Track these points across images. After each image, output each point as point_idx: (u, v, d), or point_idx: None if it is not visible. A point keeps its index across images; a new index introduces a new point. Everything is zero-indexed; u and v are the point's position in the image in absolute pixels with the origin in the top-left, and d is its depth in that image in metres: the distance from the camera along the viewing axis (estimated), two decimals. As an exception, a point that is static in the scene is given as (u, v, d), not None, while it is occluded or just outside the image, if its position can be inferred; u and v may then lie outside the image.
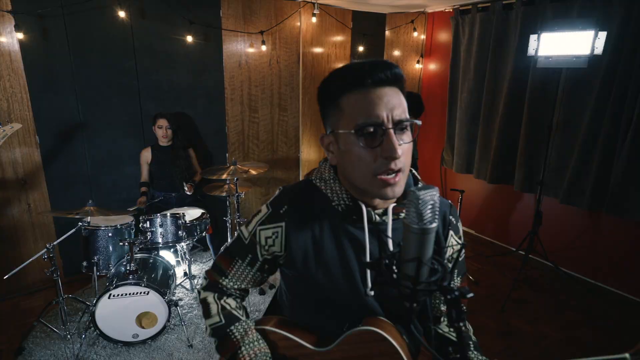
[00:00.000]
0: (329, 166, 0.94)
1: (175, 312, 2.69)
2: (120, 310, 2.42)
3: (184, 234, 2.70)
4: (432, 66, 4.68)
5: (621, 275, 3.11)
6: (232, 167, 2.81)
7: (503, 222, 4.03)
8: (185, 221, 2.72)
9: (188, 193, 3.17)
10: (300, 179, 1.03)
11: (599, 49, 2.81)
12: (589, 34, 2.79)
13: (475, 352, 0.95)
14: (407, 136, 0.82)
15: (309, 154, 4.43)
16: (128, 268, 2.40)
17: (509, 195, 3.89)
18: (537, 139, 3.51)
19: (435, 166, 4.70)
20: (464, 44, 4.11)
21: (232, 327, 0.96)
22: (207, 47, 3.62)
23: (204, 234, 3.00)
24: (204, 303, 1.01)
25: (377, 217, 0.89)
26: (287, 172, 4.30)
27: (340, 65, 4.12)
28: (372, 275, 0.91)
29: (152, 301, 2.49)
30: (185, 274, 3.19)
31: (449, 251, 0.98)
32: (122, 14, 3.10)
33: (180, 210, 2.96)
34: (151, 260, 2.77)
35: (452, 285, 0.65)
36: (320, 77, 3.98)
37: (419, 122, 0.88)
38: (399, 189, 0.82)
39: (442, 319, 1.03)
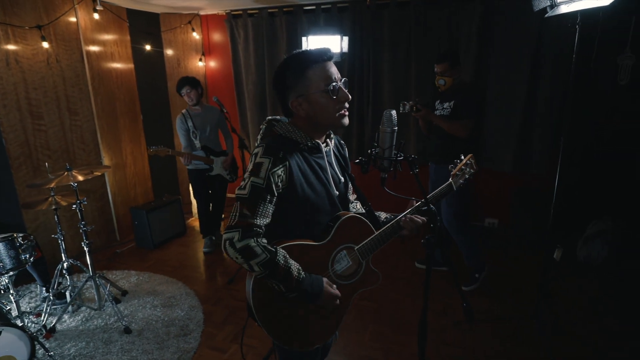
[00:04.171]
0: (287, 124, 1.34)
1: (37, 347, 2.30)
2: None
3: (26, 256, 2.31)
4: (214, 64, 5.17)
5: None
6: (66, 173, 2.55)
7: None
8: (21, 242, 2.32)
9: None
10: (107, 186, 1.30)
11: (345, 48, 4.06)
12: (337, 37, 3.99)
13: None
14: None
15: (112, 158, 4.16)
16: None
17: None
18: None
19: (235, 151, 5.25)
20: (241, 44, 4.79)
21: (277, 258, 1.22)
22: (-39, 42, 2.92)
23: (32, 259, 2.59)
24: (247, 248, 1.19)
25: (324, 149, 1.41)
26: (90, 182, 3.92)
27: (121, 63, 4.07)
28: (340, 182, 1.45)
29: (7, 341, 2.08)
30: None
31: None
32: None
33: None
34: (-26, 304, 2.24)
35: (407, 155, 1.32)
36: (109, 76, 4.00)
37: (346, 79, 1.44)
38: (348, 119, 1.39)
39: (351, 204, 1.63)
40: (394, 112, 1.30)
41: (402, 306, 3.01)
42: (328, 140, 1.43)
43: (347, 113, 1.35)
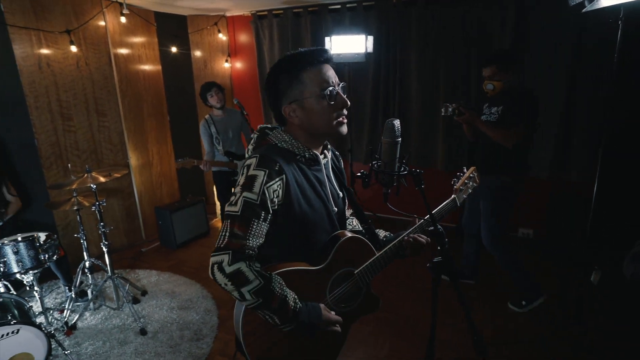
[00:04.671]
0: (282, 133, 1.24)
1: (54, 345, 2.37)
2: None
3: (46, 256, 2.38)
4: (240, 64, 5.18)
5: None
6: (86, 175, 2.60)
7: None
8: (42, 242, 2.39)
9: None
10: (134, 186, 1.20)
11: (370, 48, 3.93)
12: (362, 37, 3.86)
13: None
14: None
15: (139, 158, 4.26)
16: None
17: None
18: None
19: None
20: (266, 44, 4.76)
21: (272, 285, 1.09)
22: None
23: (55, 258, 2.66)
24: (238, 274, 1.06)
25: (322, 160, 1.29)
26: (118, 181, 4.02)
27: (149, 66, 4.08)
28: (338, 196, 1.33)
29: (25, 339, 2.14)
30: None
31: None
32: None
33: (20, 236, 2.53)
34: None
35: (412, 170, 1.20)
36: (136, 78, 4.00)
37: (345, 84, 1.32)
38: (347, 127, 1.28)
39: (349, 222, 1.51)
40: (397, 122, 1.19)
41: (409, 315, 2.87)
42: (325, 151, 1.32)
43: (345, 120, 1.23)
